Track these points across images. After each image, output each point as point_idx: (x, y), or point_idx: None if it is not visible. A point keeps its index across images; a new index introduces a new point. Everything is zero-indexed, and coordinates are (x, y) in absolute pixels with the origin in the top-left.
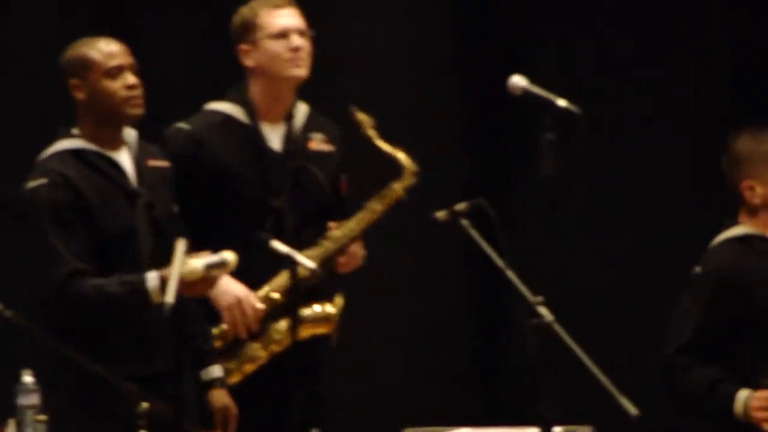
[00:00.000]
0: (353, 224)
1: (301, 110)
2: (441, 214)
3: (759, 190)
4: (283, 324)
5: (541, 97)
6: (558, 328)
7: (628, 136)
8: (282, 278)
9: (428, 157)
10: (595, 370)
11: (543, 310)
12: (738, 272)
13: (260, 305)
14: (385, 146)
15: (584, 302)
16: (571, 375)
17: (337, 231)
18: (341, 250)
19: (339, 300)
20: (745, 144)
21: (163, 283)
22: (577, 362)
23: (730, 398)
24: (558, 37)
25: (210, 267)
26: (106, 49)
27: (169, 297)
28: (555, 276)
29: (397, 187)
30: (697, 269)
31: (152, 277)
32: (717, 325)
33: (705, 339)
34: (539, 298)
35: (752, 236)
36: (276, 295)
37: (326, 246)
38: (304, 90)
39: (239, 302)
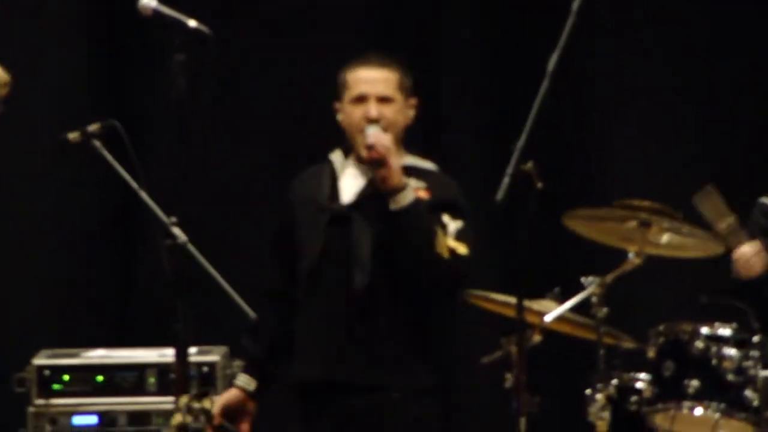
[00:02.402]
0: None
1: None
2: (73, 135)
3: (339, 114)
4: None
5: (171, 18)
6: (191, 248)
7: (257, 57)
8: None
9: (59, 77)
10: (229, 288)
11: (176, 231)
12: (292, 193)
13: None
14: None
15: (215, 222)
16: (205, 295)
17: None
18: None
19: None
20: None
21: None
22: (211, 282)
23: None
24: None
25: None
26: None
27: None
28: (187, 196)
29: None
30: None
31: None
32: (278, 246)
33: (274, 265)
34: (173, 219)
35: (329, 159)
36: None
37: None
38: None
39: None
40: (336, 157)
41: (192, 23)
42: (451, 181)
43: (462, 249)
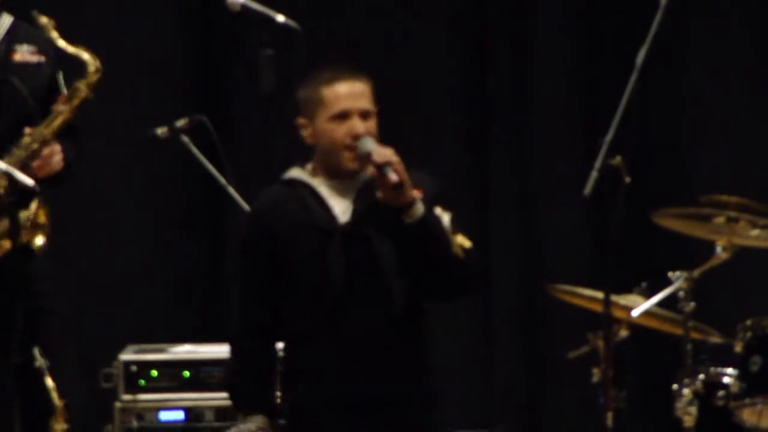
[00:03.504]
0: (42, 128)
1: (4, 23)
2: (161, 131)
3: (306, 130)
4: None
5: (259, 13)
6: None
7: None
8: None
9: (148, 73)
10: None
11: None
12: (268, 219)
13: None
14: (67, 46)
15: None
16: None
17: (27, 137)
18: (33, 155)
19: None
20: (304, 83)
21: None
22: None
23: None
24: None
25: None
26: None
27: None
28: None
29: (82, 86)
30: None
31: None
32: (257, 277)
33: (254, 297)
34: None
35: (297, 180)
36: None
37: (17, 153)
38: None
39: None
40: (302, 175)
41: (280, 18)
42: (428, 175)
43: (466, 242)
